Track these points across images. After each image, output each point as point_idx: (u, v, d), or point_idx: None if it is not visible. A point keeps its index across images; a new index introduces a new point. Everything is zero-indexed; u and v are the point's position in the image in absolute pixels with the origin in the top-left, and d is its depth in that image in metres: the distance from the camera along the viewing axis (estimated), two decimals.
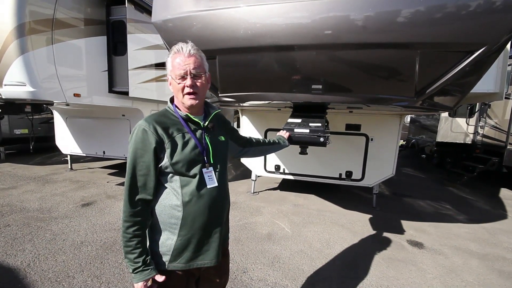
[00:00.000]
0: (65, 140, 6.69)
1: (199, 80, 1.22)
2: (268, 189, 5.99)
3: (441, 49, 1.80)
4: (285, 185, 6.33)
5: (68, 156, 7.10)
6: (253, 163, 5.43)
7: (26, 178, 6.05)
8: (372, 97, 2.14)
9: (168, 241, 1.24)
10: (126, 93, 5.13)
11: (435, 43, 1.76)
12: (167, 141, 1.17)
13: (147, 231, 1.24)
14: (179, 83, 1.20)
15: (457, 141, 8.12)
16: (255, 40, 1.96)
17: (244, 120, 5.19)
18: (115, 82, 5.15)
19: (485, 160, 6.97)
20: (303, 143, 2.19)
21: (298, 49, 1.92)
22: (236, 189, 5.91)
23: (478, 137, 7.61)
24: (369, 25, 1.76)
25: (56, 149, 7.17)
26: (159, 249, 1.24)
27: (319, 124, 2.22)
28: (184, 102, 1.23)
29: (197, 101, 1.23)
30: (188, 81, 1.18)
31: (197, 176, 1.21)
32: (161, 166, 1.18)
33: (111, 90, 5.15)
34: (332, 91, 2.12)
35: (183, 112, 1.26)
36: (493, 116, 7.14)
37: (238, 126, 8.16)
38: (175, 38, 2.28)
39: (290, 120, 2.37)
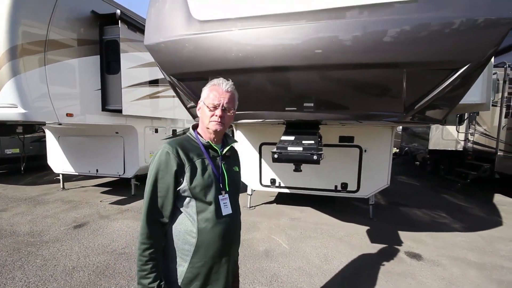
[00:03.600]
0: (57, 159, 6.59)
1: (228, 113, 1.32)
2: (264, 203, 5.95)
3: (426, 68, 1.86)
4: (281, 199, 6.30)
5: (60, 175, 6.97)
6: (248, 177, 5.41)
7: (17, 200, 5.90)
8: (362, 114, 2.18)
9: (179, 268, 1.27)
10: (120, 111, 5.12)
11: (419, 62, 1.82)
12: (188, 165, 1.24)
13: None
14: (210, 111, 1.29)
15: (449, 148, 8.26)
16: (247, 62, 2.00)
17: (239, 135, 5.21)
18: (109, 101, 5.15)
19: (477, 166, 7.08)
20: (297, 161, 2.21)
21: (289, 70, 1.96)
22: None
23: (469, 144, 7.75)
24: (355, 46, 1.81)
25: (48, 167, 7.05)
26: (169, 276, 1.27)
27: (312, 142, 2.24)
28: (210, 127, 1.31)
29: (221, 128, 1.32)
30: (218, 111, 1.28)
31: (213, 203, 1.27)
32: (179, 189, 1.24)
33: (104, 109, 5.14)
34: (323, 109, 2.16)
35: (205, 139, 1.35)
36: (482, 123, 7.30)
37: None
38: (167, 60, 2.31)
39: (283, 137, 2.39)
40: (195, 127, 1.41)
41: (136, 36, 5.27)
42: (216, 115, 1.28)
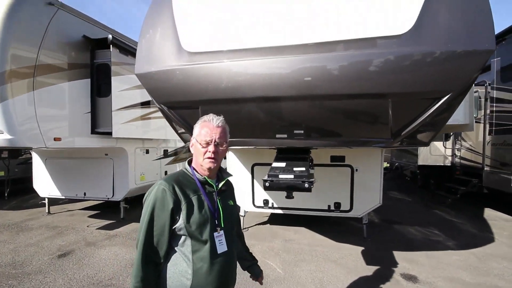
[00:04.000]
0: (43, 182, 6.37)
1: (221, 148, 1.34)
2: (258, 224, 5.85)
3: (410, 98, 1.92)
4: (274, 219, 6.21)
5: (46, 199, 6.72)
6: (241, 198, 5.33)
7: (0, 226, 5.62)
8: (351, 140, 2.22)
9: None
10: (110, 133, 5.05)
11: (404, 93, 1.88)
12: (184, 202, 1.23)
13: None
14: (203, 147, 1.30)
15: (438, 164, 8.42)
16: (236, 92, 2.03)
17: (231, 156, 5.19)
18: (98, 123, 5.10)
19: (466, 181, 7.21)
20: (289, 189, 2.20)
21: (279, 100, 2.00)
22: None
23: (457, 159, 7.93)
24: (343, 78, 1.87)
25: (33, 190, 6.80)
26: None
27: (303, 169, 2.25)
28: (204, 164, 1.31)
29: (215, 165, 1.32)
30: (211, 148, 1.29)
31: (208, 241, 1.25)
32: (175, 228, 1.22)
33: (94, 131, 5.07)
34: (314, 136, 2.19)
35: (201, 174, 1.35)
36: (467, 139, 7.52)
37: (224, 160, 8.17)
38: (157, 90, 2.32)
39: (274, 164, 2.40)
40: (190, 162, 1.41)
41: (128, 59, 5.31)
42: (210, 151, 1.29)
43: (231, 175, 1.47)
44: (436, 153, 8.34)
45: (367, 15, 1.85)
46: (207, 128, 1.31)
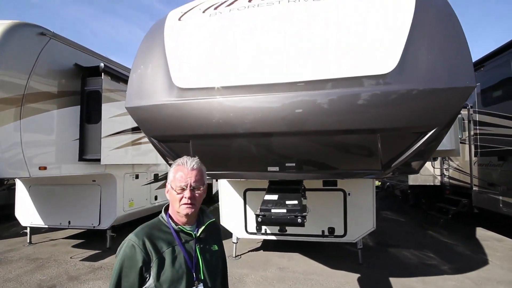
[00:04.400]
0: (26, 210, 6.08)
1: (198, 192, 1.26)
2: (251, 250, 5.68)
3: (397, 133, 1.97)
4: (268, 244, 6.05)
5: (28, 228, 6.38)
6: (233, 224, 5.21)
7: None
8: (343, 173, 2.22)
9: None
10: (98, 160, 4.94)
11: (391, 128, 1.93)
12: (155, 259, 1.15)
13: None
14: (178, 193, 1.23)
15: (428, 183, 8.52)
16: (226, 128, 2.04)
17: (223, 181, 5.12)
18: (87, 150, 4.99)
19: (457, 201, 7.28)
20: (282, 225, 2.16)
21: (270, 136, 2.01)
22: None
23: (446, 179, 8.06)
24: (332, 115, 1.91)
25: (15, 218, 6.47)
26: None
27: (296, 202, 2.23)
28: (180, 211, 1.24)
29: (193, 210, 1.25)
30: (187, 193, 1.22)
31: None
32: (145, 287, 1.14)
33: (81, 158, 4.95)
34: (305, 169, 2.19)
35: (177, 222, 1.27)
36: (455, 159, 7.70)
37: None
38: (148, 123, 2.30)
39: (266, 197, 2.37)
40: (167, 208, 1.32)
41: (119, 86, 5.32)
42: (186, 197, 1.21)
43: (213, 218, 1.39)
44: (426, 173, 8.47)
45: (354, 55, 1.93)
46: (181, 172, 1.24)
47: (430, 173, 8.45)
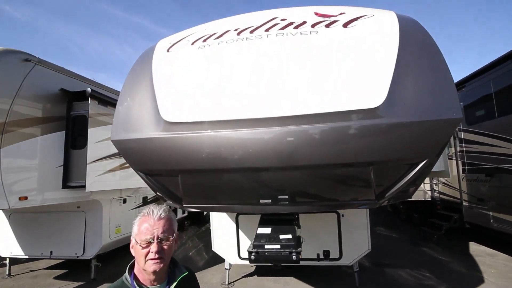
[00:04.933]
0: (6, 240, 5.73)
1: (167, 243, 1.14)
2: (244, 276, 5.47)
3: (388, 165, 1.96)
4: (262, 269, 5.85)
5: (7, 259, 5.99)
6: (226, 250, 5.03)
7: None
8: (337, 204, 2.18)
9: None
10: (83, 187, 4.75)
11: (382, 161, 1.92)
12: None
13: None
14: (143, 248, 1.10)
15: (419, 198, 8.58)
16: (215, 163, 1.98)
17: None
18: (71, 177, 4.80)
19: (448, 217, 7.32)
20: (276, 262, 2.08)
21: (261, 171, 1.96)
22: (209, 280, 5.31)
23: (436, 194, 8.14)
24: (324, 149, 1.89)
25: None
26: None
27: (290, 236, 2.16)
28: (147, 268, 1.11)
29: (161, 265, 1.12)
30: (153, 247, 1.10)
31: None
32: None
33: (65, 186, 4.75)
34: (298, 202, 2.13)
35: (143, 283, 1.13)
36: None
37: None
38: (134, 157, 2.23)
39: (259, 230, 2.29)
40: (132, 266, 1.19)
41: (107, 109, 5.22)
42: (152, 252, 1.09)
43: (186, 272, 1.25)
44: None
45: (343, 89, 1.95)
46: (147, 223, 1.12)
47: (420, 188, 8.53)
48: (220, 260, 6.25)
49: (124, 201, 6.39)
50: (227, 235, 4.97)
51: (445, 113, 1.92)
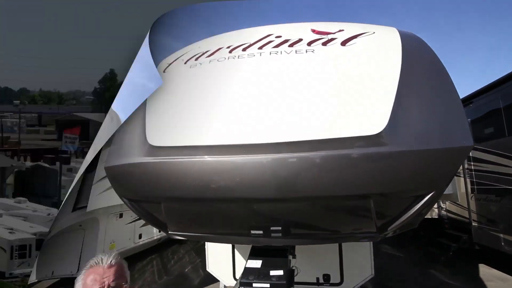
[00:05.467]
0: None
1: None
2: None
3: (392, 198, 1.79)
4: None
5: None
6: (220, 271, 4.80)
7: None
8: (335, 237, 2.01)
9: None
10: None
11: (383, 193, 1.76)
12: None
13: None
14: None
15: (425, 216, 8.25)
16: (203, 192, 1.83)
17: None
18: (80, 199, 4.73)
19: (457, 236, 7.00)
20: None
21: (253, 201, 1.81)
22: None
23: (443, 212, 7.82)
24: (319, 179, 1.73)
25: None
26: None
27: (281, 273, 1.97)
28: None
29: None
30: None
31: None
32: None
33: (74, 209, 4.68)
34: (293, 235, 1.96)
35: None
36: None
37: None
38: (117, 183, 2.12)
39: (248, 264, 2.11)
40: None
41: None
42: None
43: None
44: None
45: (339, 114, 1.79)
46: (95, 274, 1.03)
47: None
48: (214, 279, 6.00)
49: (121, 215, 6.24)
50: (222, 254, 4.75)
51: (454, 140, 1.76)
